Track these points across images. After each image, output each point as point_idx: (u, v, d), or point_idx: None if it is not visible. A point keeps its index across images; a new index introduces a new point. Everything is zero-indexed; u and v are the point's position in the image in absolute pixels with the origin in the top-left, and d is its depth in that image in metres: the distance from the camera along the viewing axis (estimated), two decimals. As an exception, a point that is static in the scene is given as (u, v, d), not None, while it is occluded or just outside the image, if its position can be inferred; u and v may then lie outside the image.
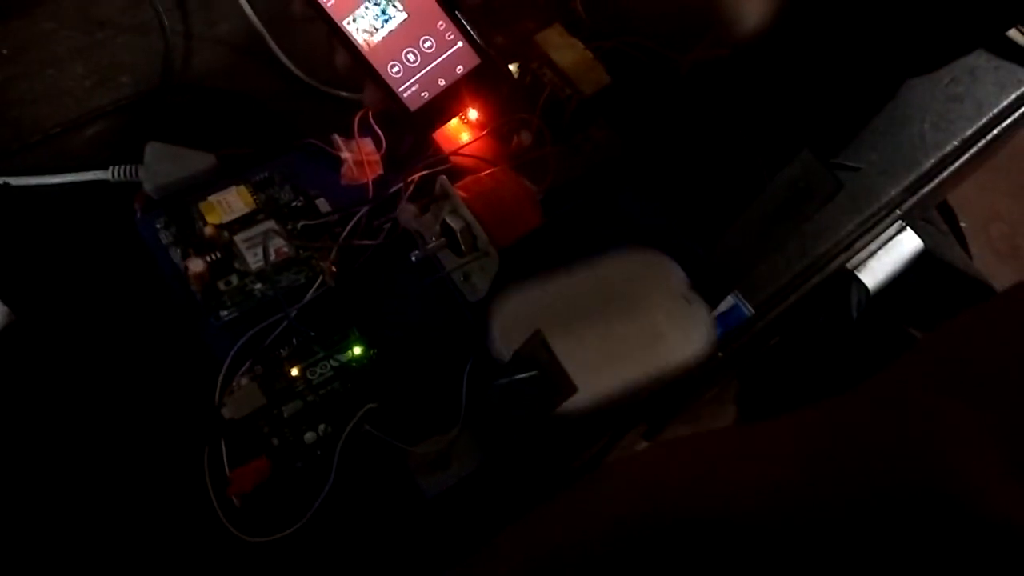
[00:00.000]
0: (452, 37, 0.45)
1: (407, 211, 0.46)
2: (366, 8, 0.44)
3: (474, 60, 0.46)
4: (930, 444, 0.22)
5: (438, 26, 0.45)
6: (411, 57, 0.45)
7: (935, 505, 0.20)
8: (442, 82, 0.46)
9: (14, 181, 0.48)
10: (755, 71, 0.54)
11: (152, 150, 0.48)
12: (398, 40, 0.45)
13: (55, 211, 0.48)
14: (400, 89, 0.46)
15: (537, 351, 0.30)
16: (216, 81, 0.54)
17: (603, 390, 0.42)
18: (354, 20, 0.44)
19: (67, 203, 0.48)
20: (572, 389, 0.29)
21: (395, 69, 0.45)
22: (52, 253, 0.47)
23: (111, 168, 0.48)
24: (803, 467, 0.23)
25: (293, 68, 0.54)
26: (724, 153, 0.55)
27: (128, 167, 0.48)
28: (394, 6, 0.44)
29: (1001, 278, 1.46)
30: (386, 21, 0.44)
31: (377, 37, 0.44)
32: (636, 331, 0.44)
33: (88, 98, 0.52)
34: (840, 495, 0.22)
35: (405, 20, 0.44)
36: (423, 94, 0.46)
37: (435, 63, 0.46)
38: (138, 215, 0.47)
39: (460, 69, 0.46)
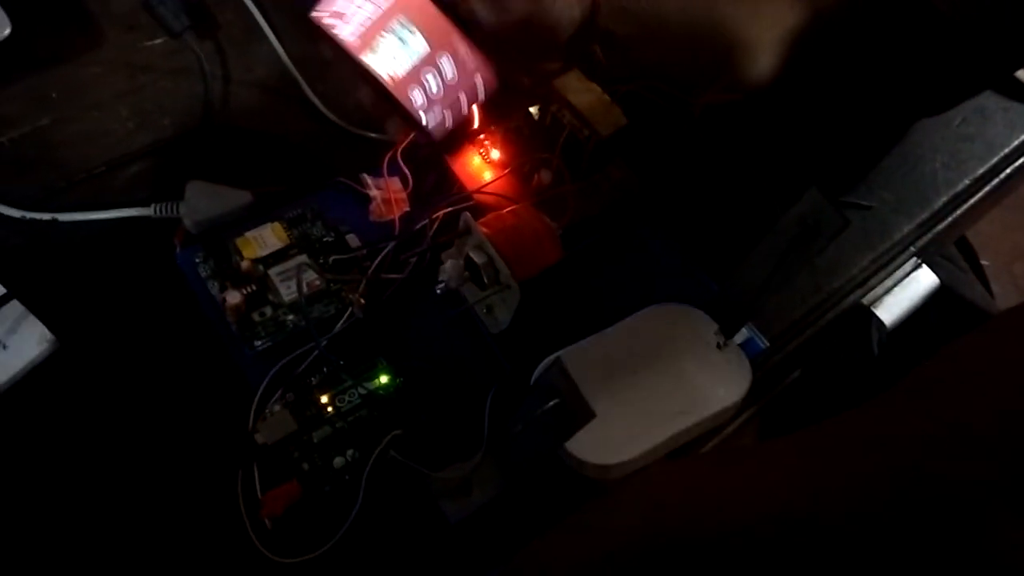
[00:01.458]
0: (471, 59, 0.47)
1: (456, 269, 0.48)
2: (383, 39, 0.45)
3: (493, 81, 0.48)
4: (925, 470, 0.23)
5: (457, 48, 0.46)
6: (431, 83, 0.47)
7: (935, 522, 0.22)
8: (465, 106, 0.48)
9: (62, 217, 0.51)
10: (767, 113, 0.56)
11: (192, 188, 0.50)
12: (417, 68, 0.46)
13: (100, 245, 0.51)
14: (423, 117, 0.48)
15: (557, 379, 0.32)
16: (252, 122, 0.57)
17: (646, 447, 0.43)
18: (374, 52, 0.45)
19: (111, 238, 0.51)
20: (591, 415, 0.31)
21: (416, 94, 0.47)
22: (96, 285, 0.50)
23: (153, 205, 0.51)
24: (802, 481, 0.25)
25: (325, 110, 0.57)
26: (737, 192, 0.57)
27: (169, 204, 0.51)
28: (410, 32, 0.45)
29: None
30: (404, 47, 0.46)
31: (398, 66, 0.46)
32: (672, 386, 0.45)
33: (131, 139, 0.55)
34: (838, 506, 0.23)
35: (424, 47, 0.45)
36: (447, 121, 0.48)
37: (457, 87, 0.47)
38: (178, 250, 0.50)
39: (483, 90, 0.48)
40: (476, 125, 0.55)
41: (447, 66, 0.46)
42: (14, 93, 0.54)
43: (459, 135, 0.55)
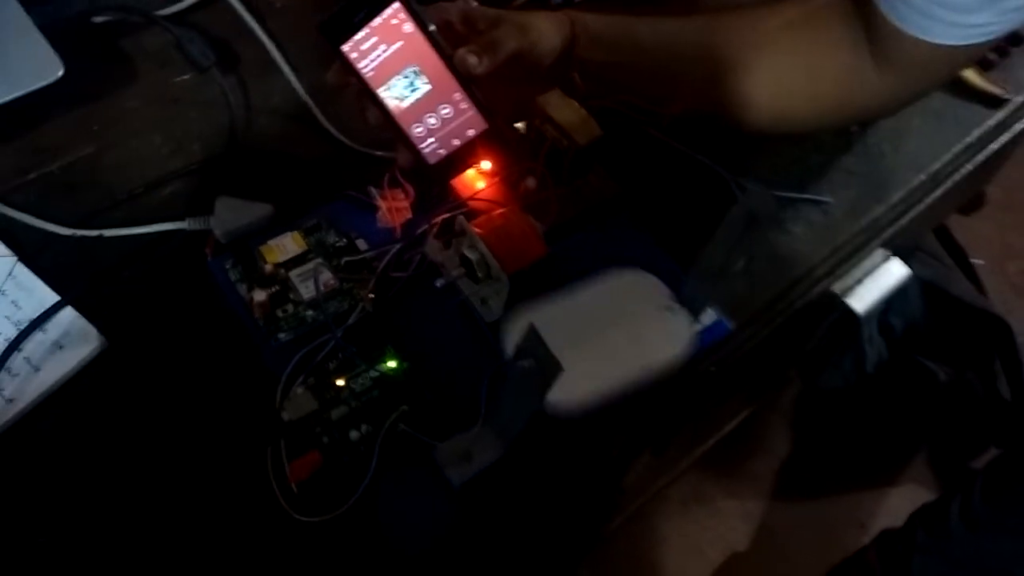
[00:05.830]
0: (466, 106, 0.54)
1: (433, 246, 0.55)
2: (398, 80, 0.53)
3: (483, 125, 0.54)
4: None
5: (454, 96, 0.54)
6: (431, 120, 0.54)
7: None
8: (456, 142, 0.55)
9: (107, 233, 0.58)
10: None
11: (221, 203, 0.57)
12: (422, 106, 0.54)
13: (141, 256, 0.58)
14: (422, 146, 0.55)
15: (531, 343, 0.38)
16: (272, 145, 0.64)
17: (601, 389, 0.49)
18: (388, 89, 0.53)
19: (151, 249, 0.58)
20: (559, 368, 0.37)
21: (418, 129, 0.55)
22: (139, 290, 0.56)
23: (187, 219, 0.58)
24: None
25: (335, 132, 0.64)
26: (702, 190, 0.63)
27: (201, 218, 0.57)
28: (421, 79, 0.53)
29: (1020, 313, 1.50)
30: (413, 91, 0.53)
31: (405, 103, 0.54)
32: (625, 339, 0.52)
33: (166, 163, 0.62)
34: None
35: (429, 91, 0.53)
36: (440, 151, 0.55)
37: (451, 126, 0.54)
38: (209, 258, 0.57)
39: (471, 132, 0.55)
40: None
41: (446, 110, 0.53)
42: (62, 125, 0.62)
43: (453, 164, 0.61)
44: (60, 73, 0.57)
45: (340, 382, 0.52)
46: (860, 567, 1.02)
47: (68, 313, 0.55)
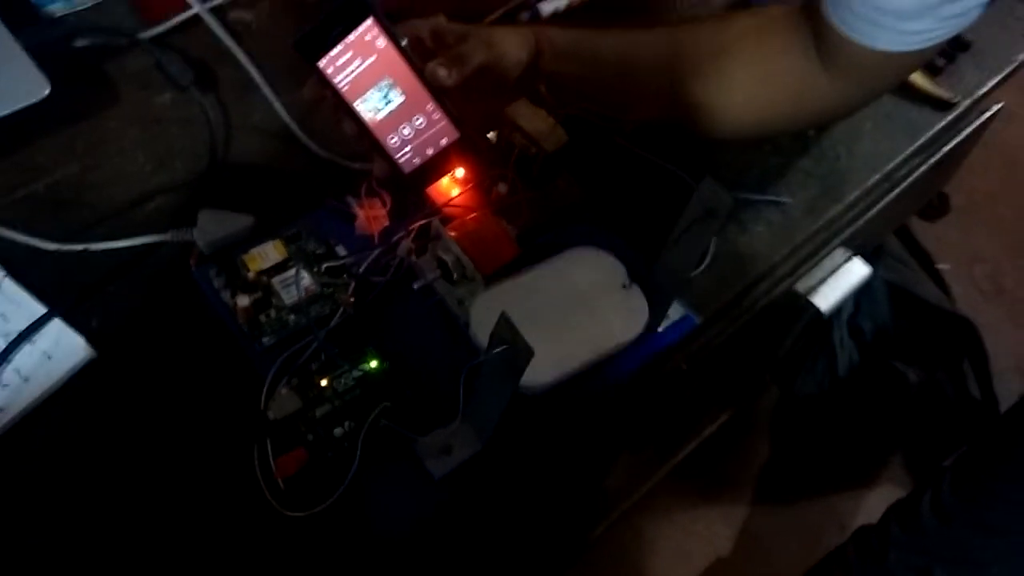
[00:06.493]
0: (438, 117, 0.57)
1: (403, 247, 0.58)
2: (373, 92, 0.55)
3: (455, 134, 0.57)
4: None
5: (427, 108, 0.56)
6: (406, 131, 0.57)
7: None
8: (430, 151, 0.58)
9: (92, 247, 0.60)
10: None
11: (203, 215, 0.59)
12: (396, 118, 0.56)
13: (126, 268, 0.59)
14: (397, 156, 0.58)
15: (504, 329, 0.40)
16: (251, 159, 0.66)
17: (563, 366, 0.53)
18: (364, 101, 0.56)
19: (135, 262, 0.60)
20: (530, 353, 0.39)
21: (393, 140, 0.57)
22: (124, 301, 0.58)
23: (170, 231, 0.60)
24: None
25: (312, 146, 0.66)
26: (665, 193, 0.66)
27: (184, 230, 0.59)
28: (395, 91, 0.56)
29: (987, 315, 1.55)
30: (388, 103, 0.56)
31: (380, 115, 0.56)
32: (585, 316, 0.57)
33: (149, 179, 0.64)
34: None
35: (402, 103, 0.56)
36: (415, 160, 0.58)
37: (424, 136, 0.57)
38: (193, 268, 0.59)
39: (444, 141, 0.57)
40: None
41: (419, 120, 0.56)
42: (47, 145, 0.64)
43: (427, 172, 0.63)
44: (46, 92, 0.60)
45: (323, 382, 0.54)
46: (839, 564, 1.04)
47: (56, 325, 0.56)
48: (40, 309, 0.57)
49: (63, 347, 0.56)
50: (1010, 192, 1.95)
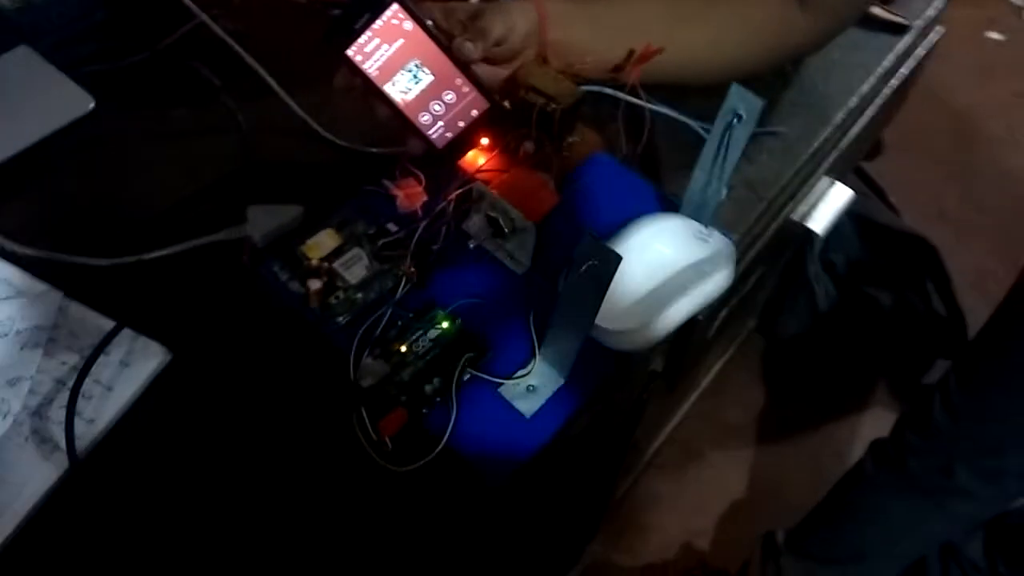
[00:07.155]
0: (467, 90, 0.60)
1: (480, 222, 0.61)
2: (402, 74, 0.58)
3: (485, 104, 0.60)
4: None
5: (456, 83, 0.59)
6: (436, 108, 0.60)
7: None
8: (461, 123, 0.61)
9: (146, 256, 0.61)
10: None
11: (253, 210, 0.61)
12: (426, 96, 0.59)
13: (184, 272, 0.61)
14: (430, 132, 0.60)
15: (589, 246, 0.44)
16: (281, 157, 0.68)
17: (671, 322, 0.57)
18: (393, 84, 0.58)
19: (190, 265, 0.61)
20: (618, 258, 0.43)
21: (425, 118, 0.60)
22: (188, 302, 0.59)
23: (224, 230, 0.61)
24: None
25: (333, 138, 0.69)
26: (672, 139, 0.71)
27: (236, 227, 0.61)
28: (423, 71, 0.58)
29: (935, 239, 1.63)
30: (417, 82, 0.59)
31: (410, 96, 0.59)
32: (677, 274, 0.60)
33: (184, 188, 0.66)
34: None
35: (431, 81, 0.59)
36: (447, 134, 0.61)
37: (455, 110, 0.60)
38: (247, 263, 0.60)
39: (475, 112, 0.61)
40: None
41: (449, 96, 0.59)
42: (89, 162, 0.65)
43: (460, 144, 0.66)
44: (91, 106, 0.61)
45: (403, 348, 0.56)
46: (858, 478, 1.09)
47: (127, 334, 0.58)
48: (108, 323, 0.58)
49: (138, 354, 0.57)
50: (938, 124, 2.07)
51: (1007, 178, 2.01)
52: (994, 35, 2.34)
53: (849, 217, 1.43)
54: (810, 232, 0.90)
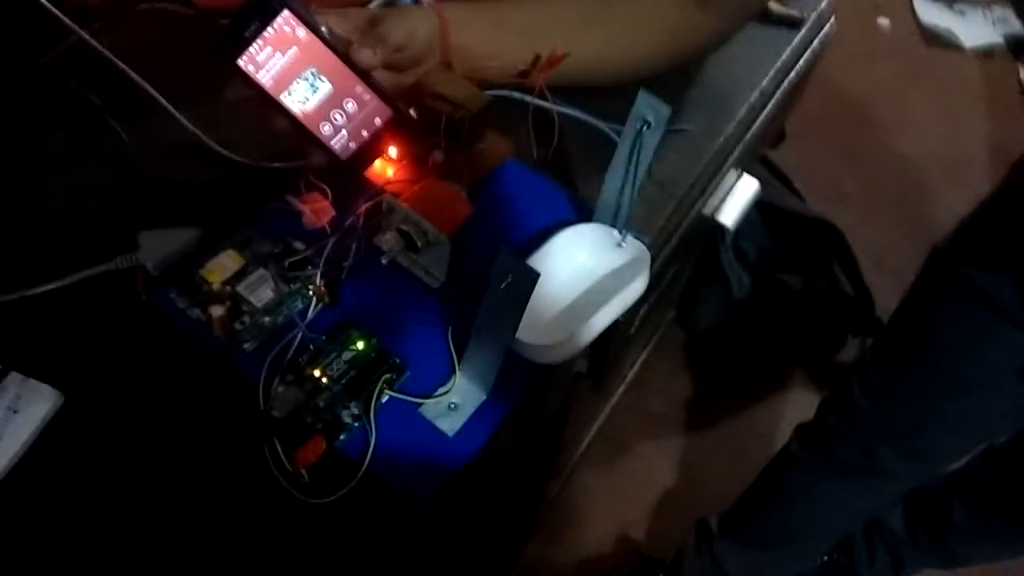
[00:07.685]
0: (369, 98, 0.58)
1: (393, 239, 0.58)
2: (298, 83, 0.56)
3: (388, 112, 0.58)
4: None
5: (357, 91, 0.57)
6: (337, 117, 0.57)
7: None
8: (365, 133, 0.58)
9: (28, 292, 0.57)
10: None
11: (145, 236, 0.58)
12: (326, 106, 0.57)
13: (70, 307, 0.57)
14: (332, 143, 0.58)
15: (505, 263, 0.42)
16: (173, 177, 0.64)
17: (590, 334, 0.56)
18: (290, 94, 0.56)
19: (77, 299, 0.57)
20: (535, 275, 0.41)
21: (326, 128, 0.57)
22: (79, 339, 0.56)
23: (116, 258, 0.57)
24: None
25: (229, 155, 0.65)
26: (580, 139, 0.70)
27: (128, 255, 0.57)
28: (320, 79, 0.56)
29: (837, 221, 1.69)
30: (315, 91, 0.56)
31: (309, 106, 0.56)
32: (595, 283, 0.59)
33: (70, 213, 0.61)
34: None
35: (330, 90, 0.56)
36: (351, 144, 0.58)
37: (358, 119, 0.58)
38: (141, 293, 0.57)
39: (378, 120, 0.58)
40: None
41: (350, 105, 0.57)
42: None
43: (365, 155, 0.64)
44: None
45: (316, 372, 0.54)
46: (784, 462, 1.12)
47: (13, 378, 0.53)
48: (-10, 367, 0.53)
49: (27, 398, 0.53)
50: (835, 110, 2.15)
51: (899, 159, 2.10)
52: (883, 21, 2.45)
53: (757, 206, 1.47)
54: (722, 226, 0.91)
